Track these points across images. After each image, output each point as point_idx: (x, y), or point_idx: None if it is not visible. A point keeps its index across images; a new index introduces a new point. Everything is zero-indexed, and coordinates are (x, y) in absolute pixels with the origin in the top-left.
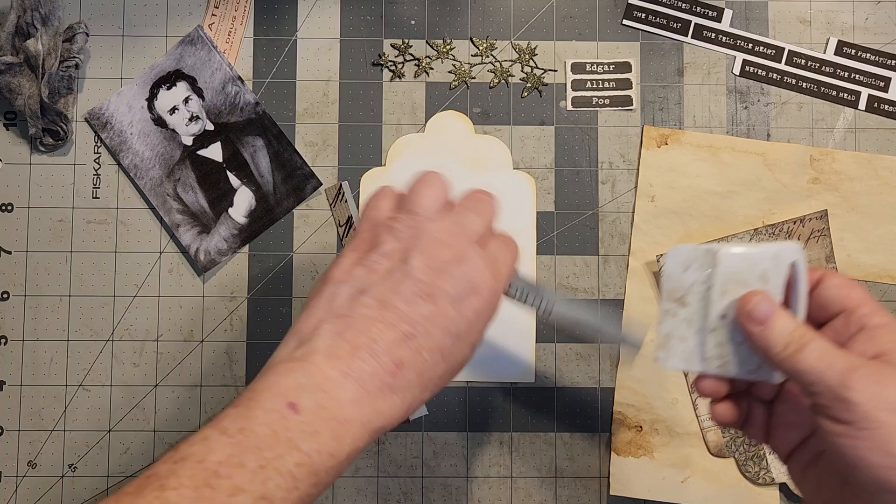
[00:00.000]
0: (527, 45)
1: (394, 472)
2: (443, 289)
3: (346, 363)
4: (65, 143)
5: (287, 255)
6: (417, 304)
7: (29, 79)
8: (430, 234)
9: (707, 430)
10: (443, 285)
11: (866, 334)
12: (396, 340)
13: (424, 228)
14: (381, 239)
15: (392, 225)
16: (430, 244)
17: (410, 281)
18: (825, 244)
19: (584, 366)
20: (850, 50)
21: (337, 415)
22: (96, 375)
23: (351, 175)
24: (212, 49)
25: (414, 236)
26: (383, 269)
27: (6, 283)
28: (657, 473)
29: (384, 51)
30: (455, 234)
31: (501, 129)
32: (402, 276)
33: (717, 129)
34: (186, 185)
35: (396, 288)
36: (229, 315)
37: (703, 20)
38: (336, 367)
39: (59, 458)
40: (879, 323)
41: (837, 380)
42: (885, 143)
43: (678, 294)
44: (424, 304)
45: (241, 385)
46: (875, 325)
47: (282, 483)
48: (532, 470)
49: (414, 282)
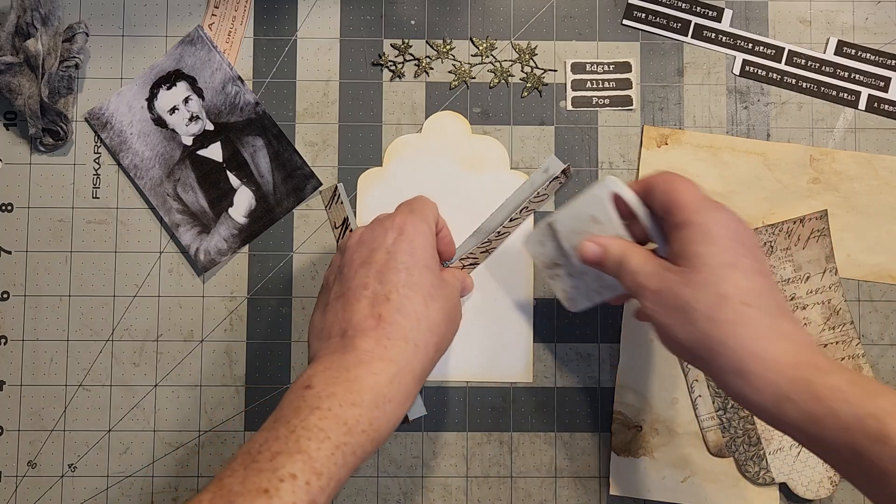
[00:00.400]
0: (527, 45)
1: (394, 472)
2: (372, 253)
3: (340, 344)
4: (65, 143)
5: (287, 255)
6: (363, 276)
7: (29, 79)
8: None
9: (707, 430)
10: (372, 251)
11: (675, 234)
12: (368, 305)
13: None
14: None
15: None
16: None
17: (347, 271)
18: (825, 244)
19: (583, 366)
20: (850, 50)
21: (348, 376)
22: (96, 375)
23: (351, 175)
24: (212, 49)
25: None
26: (332, 283)
27: (6, 283)
28: (657, 473)
29: (384, 51)
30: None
31: (501, 129)
32: (344, 275)
33: (717, 129)
34: (186, 185)
35: (342, 284)
36: (229, 315)
37: (703, 20)
38: (333, 354)
39: (58, 458)
40: (683, 221)
41: (630, 284)
42: (885, 143)
43: (549, 263)
44: (366, 271)
45: (241, 385)
46: (680, 223)
47: (312, 436)
48: (532, 470)
49: (351, 270)
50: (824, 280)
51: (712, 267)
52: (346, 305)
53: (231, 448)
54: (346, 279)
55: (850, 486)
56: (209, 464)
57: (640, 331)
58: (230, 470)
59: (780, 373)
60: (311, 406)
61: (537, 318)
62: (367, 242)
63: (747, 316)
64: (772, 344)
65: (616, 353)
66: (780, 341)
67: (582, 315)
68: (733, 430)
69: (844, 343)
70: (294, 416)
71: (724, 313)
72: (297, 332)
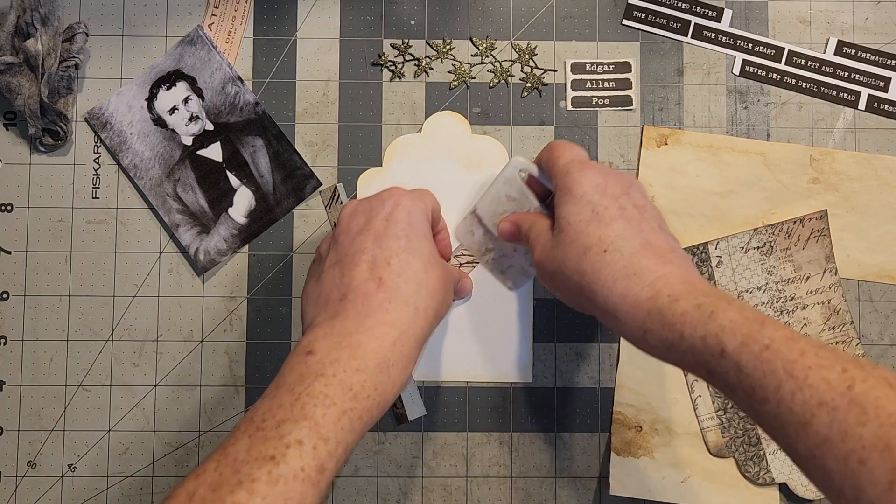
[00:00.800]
0: (527, 45)
1: (394, 472)
2: (370, 220)
3: (340, 308)
4: (64, 143)
5: (287, 255)
6: (361, 241)
7: (29, 79)
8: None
9: (707, 430)
10: (370, 219)
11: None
12: (367, 269)
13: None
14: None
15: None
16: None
17: (344, 238)
18: (825, 244)
19: (583, 366)
20: (850, 50)
21: (351, 341)
22: (96, 375)
23: (351, 175)
24: (212, 49)
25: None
26: (326, 253)
27: (6, 283)
28: (657, 473)
29: (384, 51)
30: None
31: (501, 129)
32: (340, 243)
33: (716, 129)
34: (186, 185)
35: (339, 251)
36: (229, 315)
37: (703, 20)
38: (334, 319)
39: (58, 458)
40: (555, 186)
41: (530, 240)
42: (885, 143)
43: (482, 249)
44: (364, 237)
45: (241, 385)
46: (555, 188)
47: (317, 402)
48: (532, 470)
49: (348, 238)
50: (824, 280)
51: (573, 224)
52: (345, 270)
53: None
54: (342, 246)
55: None
56: None
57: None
58: (233, 439)
59: (639, 307)
60: (314, 373)
61: (537, 318)
62: (363, 211)
63: (606, 261)
64: (630, 282)
65: (616, 353)
66: (636, 277)
67: (582, 315)
68: (733, 430)
69: (844, 343)
70: (298, 382)
71: (587, 263)
72: (296, 331)
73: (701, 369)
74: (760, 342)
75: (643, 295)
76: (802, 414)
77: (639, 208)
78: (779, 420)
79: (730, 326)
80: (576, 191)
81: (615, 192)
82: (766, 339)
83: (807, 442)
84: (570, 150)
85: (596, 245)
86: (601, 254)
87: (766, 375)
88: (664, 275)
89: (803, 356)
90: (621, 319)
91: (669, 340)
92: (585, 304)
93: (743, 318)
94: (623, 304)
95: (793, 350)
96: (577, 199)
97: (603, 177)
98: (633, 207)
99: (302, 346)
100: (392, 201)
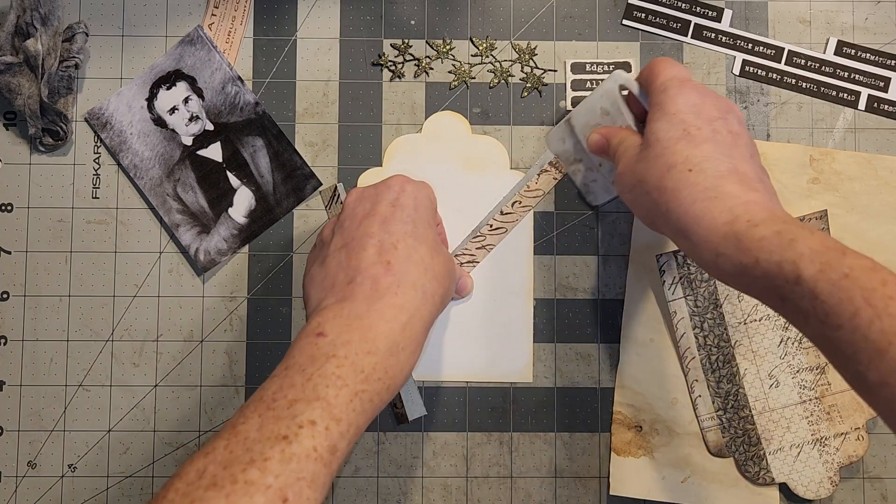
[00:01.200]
0: (527, 45)
1: (394, 472)
2: (376, 205)
3: (349, 291)
4: (64, 143)
5: (287, 255)
6: (367, 225)
7: (28, 79)
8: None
9: (707, 430)
10: (375, 203)
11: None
12: (375, 253)
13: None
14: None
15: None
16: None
17: (349, 223)
18: None
19: (583, 366)
20: (849, 50)
21: (361, 324)
22: (96, 375)
23: (351, 175)
24: (212, 49)
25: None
26: (330, 238)
27: (6, 283)
28: (657, 473)
29: (384, 51)
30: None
31: (501, 130)
32: (345, 227)
33: None
34: (186, 185)
35: (344, 235)
36: (229, 315)
37: (702, 20)
38: (343, 302)
39: (58, 458)
40: (651, 102)
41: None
42: (885, 143)
43: (570, 159)
44: (370, 221)
45: (241, 385)
46: (650, 104)
47: (329, 384)
48: (532, 470)
49: (354, 222)
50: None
51: (661, 140)
52: (352, 253)
53: None
54: (348, 230)
55: (849, 486)
56: None
57: (640, 331)
58: (243, 417)
59: (715, 230)
60: (326, 354)
61: (537, 318)
62: (368, 197)
63: (689, 181)
64: (710, 204)
65: (616, 353)
66: (717, 201)
67: (582, 315)
68: (733, 430)
69: None
70: (309, 364)
71: (670, 181)
72: (297, 331)
73: (772, 295)
74: (839, 270)
75: (721, 219)
76: (879, 342)
77: (733, 134)
78: (852, 347)
79: (808, 254)
80: (669, 108)
81: (711, 114)
82: (846, 268)
83: (880, 369)
84: (672, 68)
85: (682, 164)
86: (685, 172)
87: (842, 303)
88: (747, 202)
89: (884, 285)
90: (694, 241)
91: (743, 265)
92: (658, 223)
93: (824, 246)
94: (698, 226)
95: (873, 279)
96: (670, 117)
97: (701, 97)
98: (727, 132)
99: (311, 327)
100: (398, 187)
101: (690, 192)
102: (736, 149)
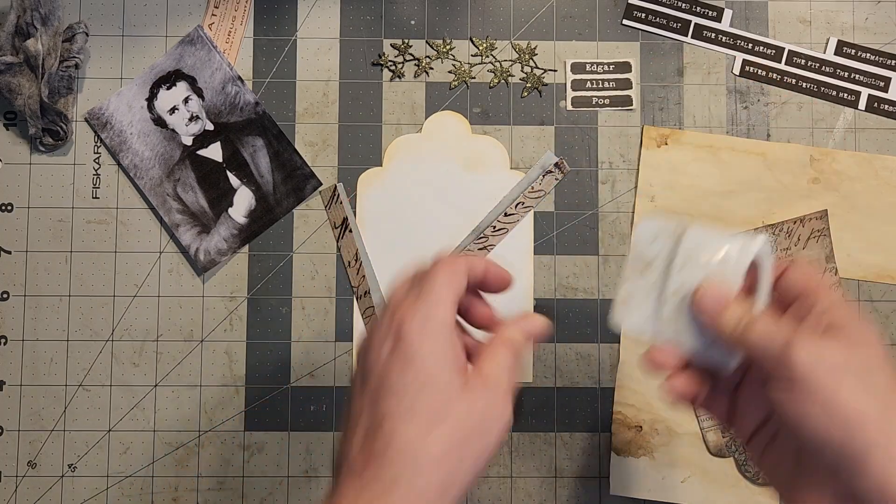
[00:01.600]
0: (527, 45)
1: None
2: (368, 374)
3: (344, 476)
4: (65, 143)
5: (287, 255)
6: (359, 400)
7: (29, 79)
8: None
9: (707, 430)
10: (367, 372)
11: (817, 312)
12: (361, 438)
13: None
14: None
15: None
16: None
17: (353, 390)
18: (825, 244)
19: (583, 366)
20: (850, 50)
21: None
22: (96, 375)
23: (351, 175)
24: (212, 49)
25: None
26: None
27: (6, 283)
28: (657, 473)
29: (384, 51)
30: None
31: (501, 129)
32: (352, 394)
33: (716, 129)
34: (186, 185)
35: (348, 405)
36: (229, 315)
37: (703, 20)
38: (329, 499)
39: (58, 458)
40: (828, 302)
41: (780, 347)
42: (885, 143)
43: (644, 262)
44: (361, 393)
45: (241, 385)
46: (825, 304)
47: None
48: (532, 470)
49: (355, 389)
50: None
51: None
52: (346, 433)
53: (231, 448)
54: (352, 399)
55: None
56: (209, 464)
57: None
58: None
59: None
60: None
61: None
62: (367, 354)
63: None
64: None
65: (616, 353)
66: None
67: (582, 315)
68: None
69: None
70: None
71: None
72: (297, 331)
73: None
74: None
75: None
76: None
77: None
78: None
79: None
80: (866, 339)
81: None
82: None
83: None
84: (829, 284)
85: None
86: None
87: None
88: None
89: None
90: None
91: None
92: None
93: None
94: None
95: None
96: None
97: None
98: None
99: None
100: (391, 340)
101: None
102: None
